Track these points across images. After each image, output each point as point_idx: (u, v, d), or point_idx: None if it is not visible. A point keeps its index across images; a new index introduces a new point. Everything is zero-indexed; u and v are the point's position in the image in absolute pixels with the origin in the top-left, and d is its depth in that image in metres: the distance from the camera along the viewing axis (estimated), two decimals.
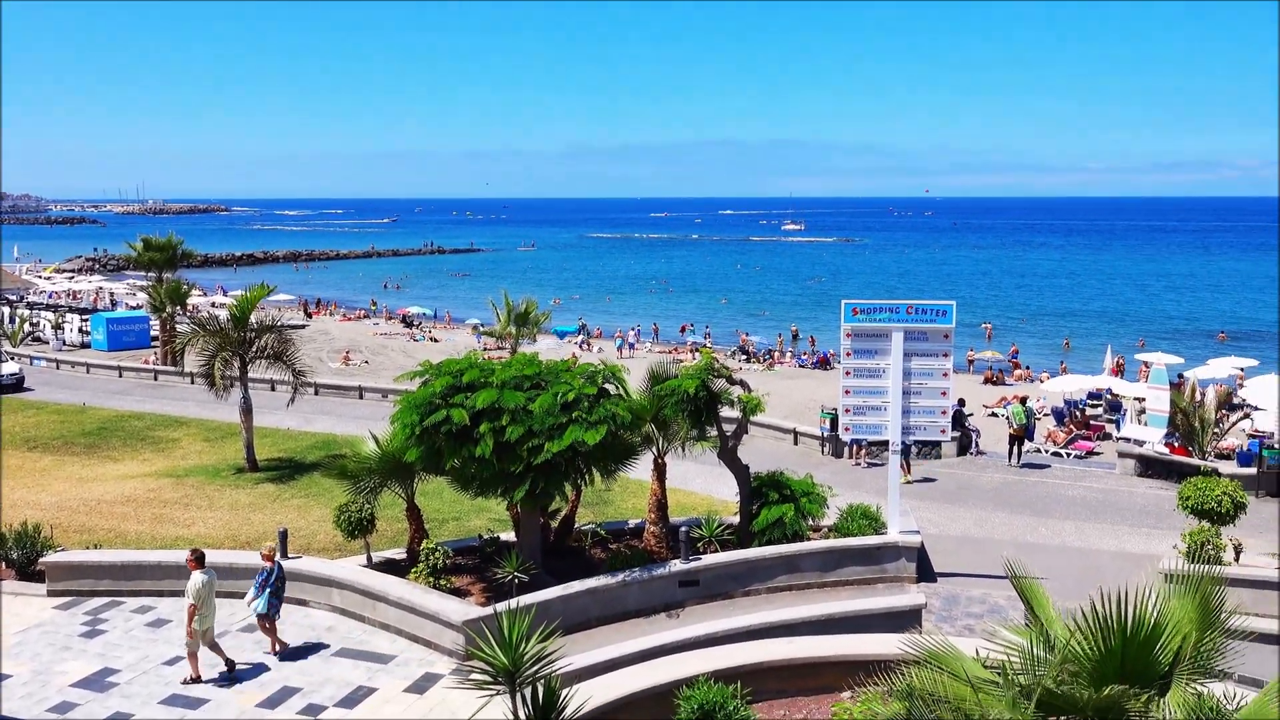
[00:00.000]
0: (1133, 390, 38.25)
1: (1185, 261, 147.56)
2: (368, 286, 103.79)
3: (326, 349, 55.23)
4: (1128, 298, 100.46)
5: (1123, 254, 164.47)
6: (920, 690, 7.67)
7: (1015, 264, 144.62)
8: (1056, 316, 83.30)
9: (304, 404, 31.37)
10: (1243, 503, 17.18)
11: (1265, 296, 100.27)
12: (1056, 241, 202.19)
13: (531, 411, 14.84)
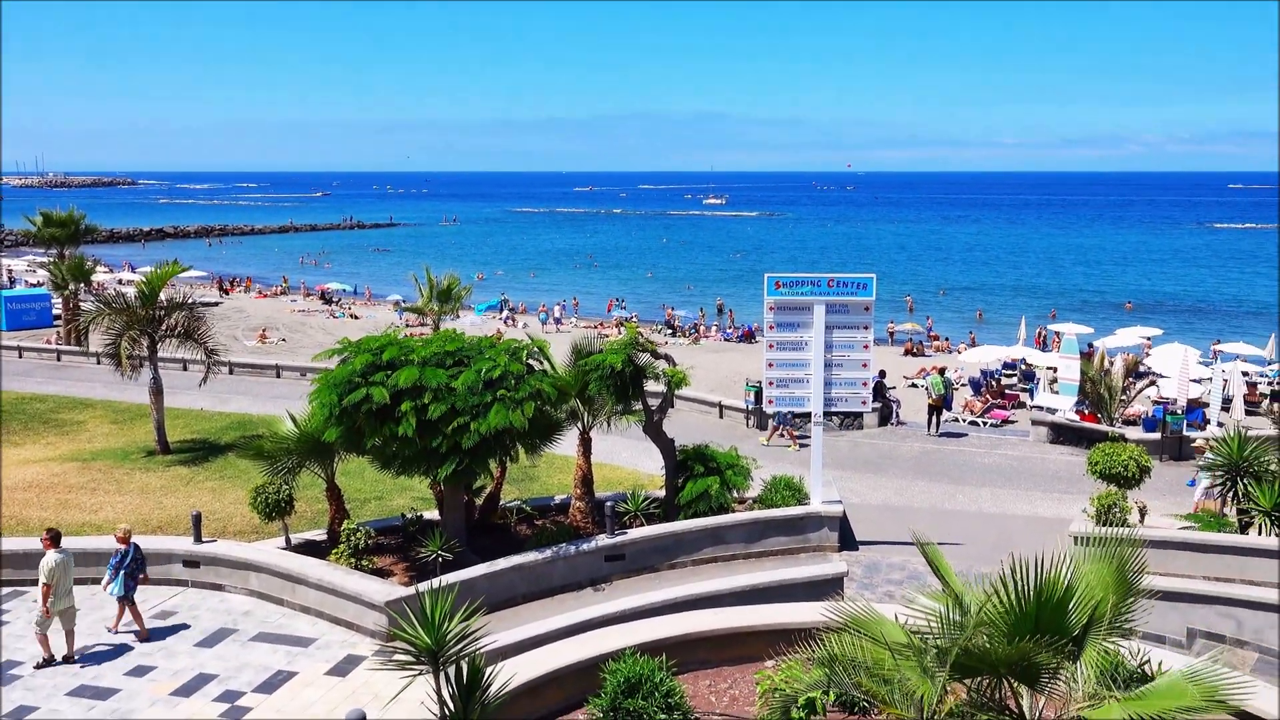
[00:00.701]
0: (1045, 360, 39.31)
1: (1093, 235, 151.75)
2: (284, 263, 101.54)
3: (242, 327, 53.99)
4: (1039, 270, 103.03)
5: (1034, 227, 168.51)
6: (841, 656, 7.78)
7: (933, 238, 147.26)
8: (972, 290, 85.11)
9: (218, 384, 30.61)
10: (1147, 466, 17.75)
11: (1168, 268, 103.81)
12: (972, 215, 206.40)
13: (454, 389, 14.64)
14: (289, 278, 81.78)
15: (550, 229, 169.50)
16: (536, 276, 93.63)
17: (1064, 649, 7.65)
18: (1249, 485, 17.03)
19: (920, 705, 7.48)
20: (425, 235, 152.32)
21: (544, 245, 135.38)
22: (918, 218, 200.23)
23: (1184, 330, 55.70)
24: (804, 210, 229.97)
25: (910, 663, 7.74)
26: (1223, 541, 16.17)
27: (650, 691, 9.76)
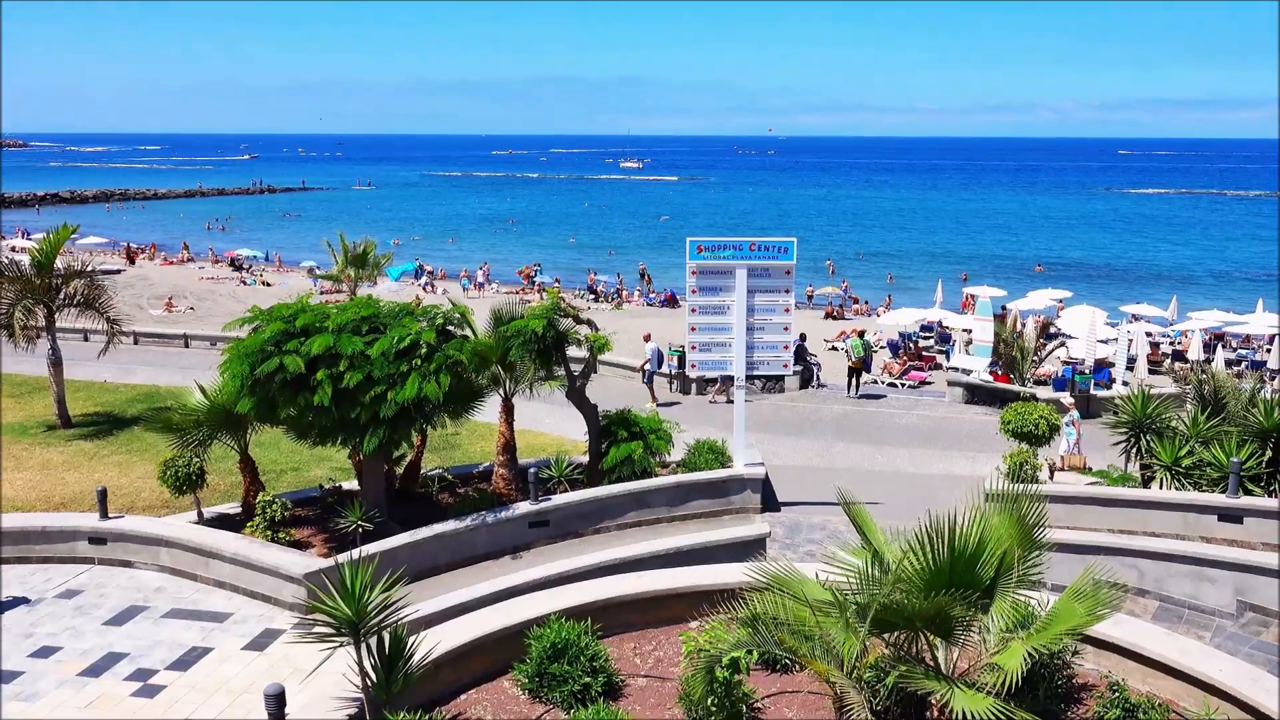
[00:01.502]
0: (961, 322, 40.21)
1: (1006, 200, 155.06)
2: (189, 228, 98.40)
3: (147, 295, 52.33)
4: (953, 234, 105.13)
5: (949, 192, 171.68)
6: (764, 615, 7.89)
7: (851, 202, 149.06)
8: (888, 254, 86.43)
9: (123, 354, 29.63)
10: (1057, 425, 18.28)
11: (1075, 232, 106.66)
12: (891, 180, 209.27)
13: (370, 357, 14.37)
14: (190, 244, 79.16)
15: (469, 193, 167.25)
16: (456, 242, 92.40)
17: (976, 602, 7.87)
18: (1151, 441, 17.67)
19: (841, 660, 7.63)
20: (338, 199, 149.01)
21: (462, 210, 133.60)
22: (837, 182, 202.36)
23: (1092, 292, 57.36)
24: (726, 174, 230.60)
25: (831, 619, 7.88)
26: (1127, 495, 16.76)
27: (576, 656, 9.78)
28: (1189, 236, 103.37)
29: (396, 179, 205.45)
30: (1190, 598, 14.46)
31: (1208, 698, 9.02)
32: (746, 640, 7.91)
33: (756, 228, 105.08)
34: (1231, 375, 25.34)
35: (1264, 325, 42.25)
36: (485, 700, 9.92)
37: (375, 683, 8.90)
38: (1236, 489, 15.70)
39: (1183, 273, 76.08)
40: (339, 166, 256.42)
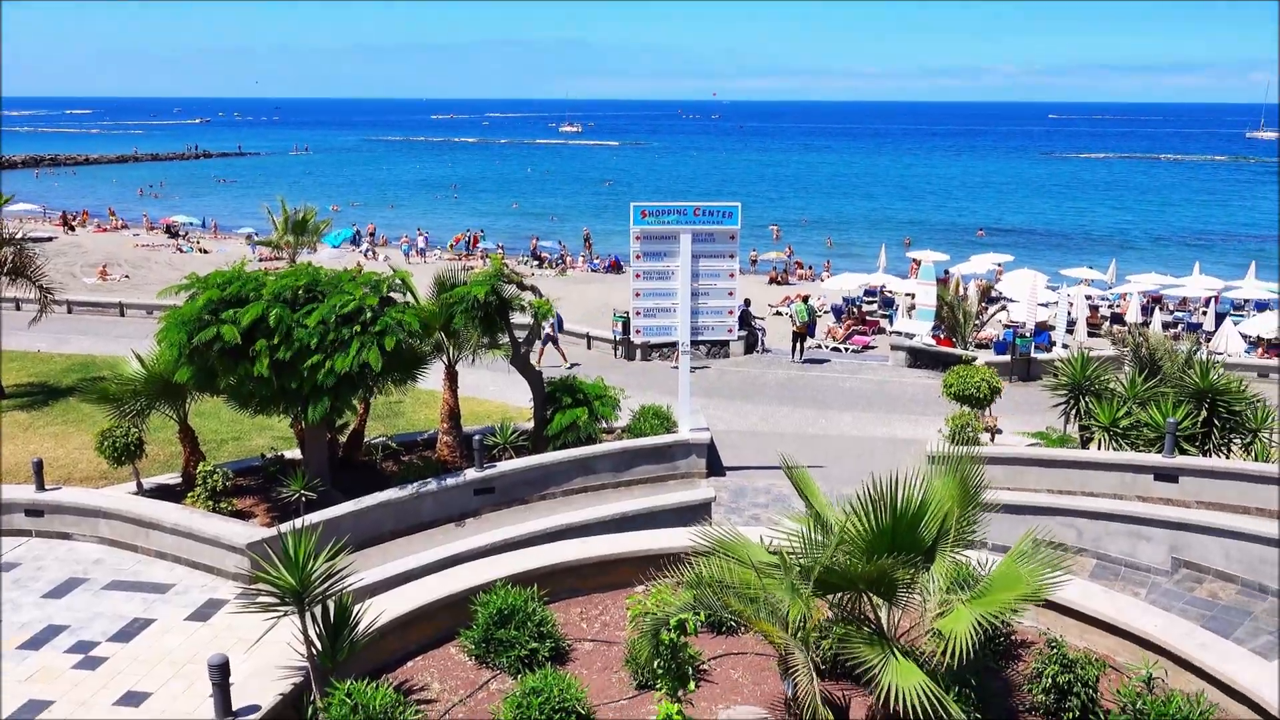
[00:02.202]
0: (904, 286, 40.59)
1: (948, 165, 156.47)
2: (121, 194, 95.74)
3: (80, 263, 50.97)
4: (895, 199, 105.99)
5: (893, 157, 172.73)
6: (709, 578, 7.93)
7: (794, 167, 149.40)
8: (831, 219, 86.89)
9: (57, 323, 28.92)
10: (998, 388, 18.57)
11: (1016, 197, 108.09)
12: (835, 145, 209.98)
13: (308, 325, 14.11)
14: (119, 210, 76.93)
15: (408, 158, 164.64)
16: (396, 208, 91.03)
17: (918, 563, 7.98)
18: (1090, 403, 18.03)
19: (786, 622, 7.70)
20: (275, 165, 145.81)
21: (402, 175, 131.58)
22: (782, 147, 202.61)
23: (1032, 257, 58.22)
24: (669, 139, 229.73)
25: (776, 582, 7.95)
26: (1065, 456, 17.11)
27: (522, 622, 9.79)
28: (1127, 201, 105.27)
29: (335, 144, 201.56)
30: (1127, 556, 14.83)
31: (1143, 652, 9.27)
32: (692, 603, 7.96)
33: (700, 193, 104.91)
34: (1168, 337, 25.94)
35: (1200, 288, 43.26)
36: (432, 666, 9.90)
37: (321, 651, 8.84)
38: (1172, 449, 16.08)
39: (1121, 237, 77.50)
40: (276, 131, 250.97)
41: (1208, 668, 8.88)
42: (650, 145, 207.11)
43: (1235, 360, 29.16)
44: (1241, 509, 15.29)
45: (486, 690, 9.48)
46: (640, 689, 9.37)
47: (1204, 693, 8.59)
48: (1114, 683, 9.05)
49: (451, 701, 9.30)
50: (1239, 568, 13.78)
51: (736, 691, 9.45)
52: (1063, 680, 8.70)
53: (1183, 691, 8.50)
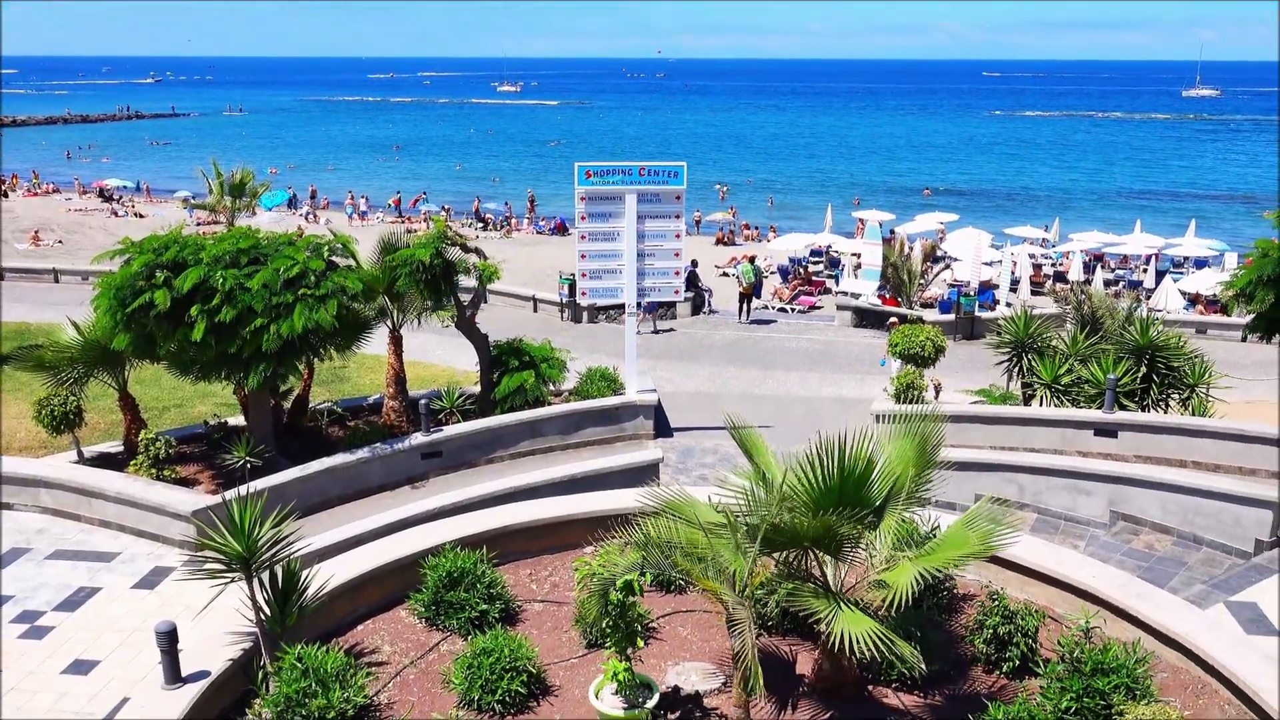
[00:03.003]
0: (850, 246, 40.84)
1: (896, 124, 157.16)
2: (49, 157, 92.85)
3: (11, 229, 49.47)
4: (841, 158, 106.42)
5: (840, 116, 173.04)
6: (656, 539, 7.97)
7: (741, 127, 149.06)
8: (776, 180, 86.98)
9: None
10: (942, 346, 18.81)
11: (961, 156, 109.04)
12: (780, 104, 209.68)
13: (250, 289, 13.84)
14: (43, 174, 74.57)
15: (347, 118, 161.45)
16: (335, 170, 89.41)
17: (864, 520, 8.09)
18: (1032, 360, 18.34)
19: (733, 579, 7.78)
20: (210, 126, 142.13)
21: (340, 136, 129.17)
22: (727, 106, 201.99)
23: (976, 216, 58.80)
24: (614, 99, 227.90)
25: (723, 540, 8.01)
26: (1008, 413, 17.41)
27: (472, 584, 9.79)
28: (1070, 159, 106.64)
29: (270, 104, 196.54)
30: (1067, 510, 15.16)
31: (1082, 603, 9.50)
32: (639, 563, 8.00)
33: (645, 153, 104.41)
34: (1109, 295, 26.43)
35: (1141, 246, 44.05)
36: (382, 629, 9.87)
37: (269, 616, 8.77)
38: (1112, 404, 16.43)
39: (1064, 195, 78.55)
40: (210, 91, 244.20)
41: (1143, 617, 9.14)
42: (595, 105, 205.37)
43: (1174, 317, 29.81)
44: (1179, 462, 15.70)
45: (437, 652, 9.48)
46: (590, 648, 9.44)
47: (1140, 640, 8.84)
48: (1053, 633, 9.28)
49: (403, 663, 9.29)
50: (1175, 520, 14.16)
51: (685, 648, 9.55)
52: (1004, 631, 8.91)
53: (1119, 640, 8.73)
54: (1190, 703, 8.44)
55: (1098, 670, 8.10)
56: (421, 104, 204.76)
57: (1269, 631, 10.88)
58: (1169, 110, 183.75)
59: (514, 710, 8.51)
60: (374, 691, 8.75)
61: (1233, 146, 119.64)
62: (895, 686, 8.80)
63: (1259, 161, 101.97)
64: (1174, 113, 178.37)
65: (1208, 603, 11.57)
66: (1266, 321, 18.24)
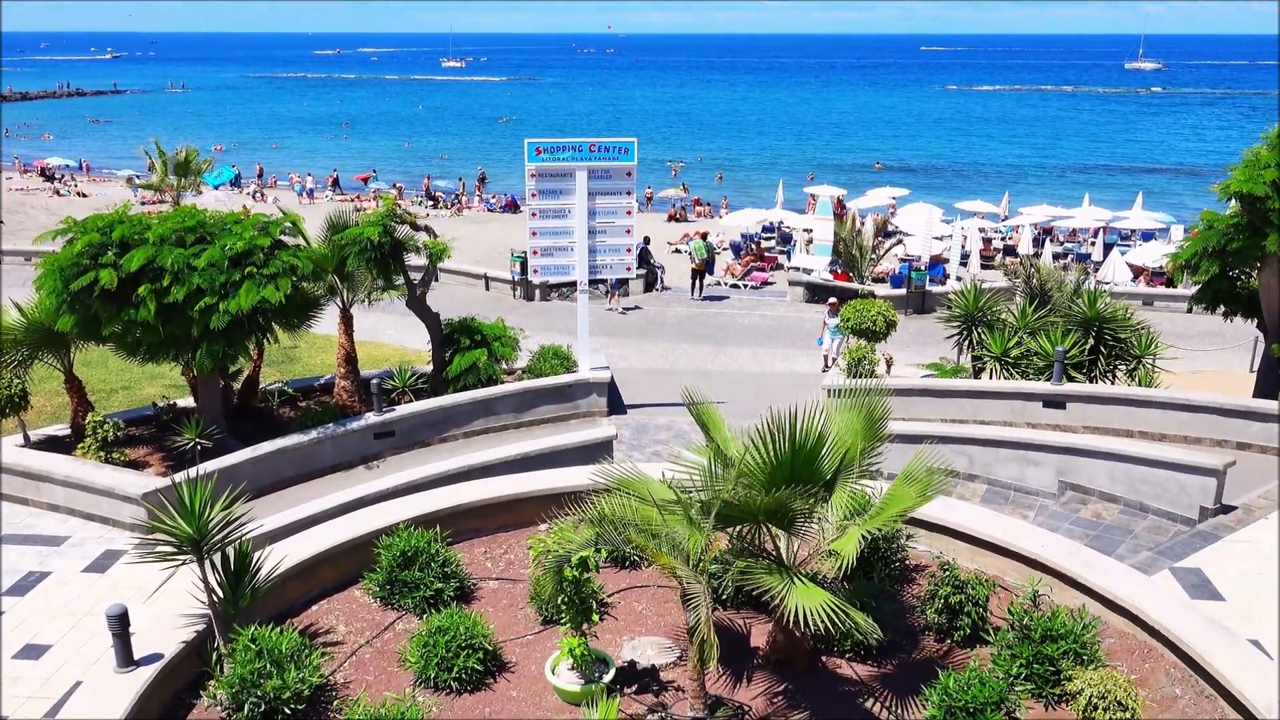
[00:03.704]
0: (801, 222, 40.96)
1: (846, 98, 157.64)
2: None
3: None
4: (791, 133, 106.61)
5: (792, 91, 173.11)
6: (610, 515, 7.98)
7: (692, 103, 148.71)
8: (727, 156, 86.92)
9: None
10: (894, 321, 18.98)
11: (912, 130, 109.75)
12: (732, 79, 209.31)
13: (197, 268, 13.60)
14: None
15: (293, 95, 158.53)
16: (281, 148, 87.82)
17: (816, 494, 8.16)
18: (982, 333, 18.57)
19: (687, 555, 7.81)
20: (152, 103, 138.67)
21: (287, 113, 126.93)
22: (678, 81, 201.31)
23: (927, 191, 59.25)
24: (564, 74, 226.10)
25: (676, 516, 8.04)
26: (959, 386, 17.63)
27: (426, 562, 9.76)
28: (1018, 134, 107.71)
29: (213, 81, 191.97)
30: (1016, 480, 15.41)
31: (1031, 571, 9.67)
32: (594, 539, 8.01)
33: (596, 129, 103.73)
34: (1058, 268, 26.79)
35: (1089, 219, 44.66)
36: (337, 610, 9.81)
37: (222, 598, 8.69)
38: (1060, 376, 16.69)
39: (1013, 170, 79.38)
40: (152, 67, 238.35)
41: (1090, 584, 9.32)
42: (544, 81, 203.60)
43: (1121, 289, 30.37)
44: (1126, 432, 16.01)
45: (393, 631, 9.45)
46: (546, 624, 9.46)
47: (1085, 607, 9.03)
48: (1004, 601, 9.44)
49: (358, 643, 9.25)
50: (1121, 489, 14.44)
51: (640, 623, 9.60)
52: (955, 600, 9.05)
53: (1068, 607, 8.92)
54: (1137, 666, 8.63)
55: (1047, 637, 8.28)
56: (369, 80, 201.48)
57: (1213, 596, 11.16)
58: (1114, 84, 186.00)
59: (470, 687, 8.51)
60: (329, 671, 8.70)
61: (1178, 120, 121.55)
62: (849, 657, 8.92)
63: (1203, 135, 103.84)
64: (1119, 86, 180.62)
65: (1153, 569, 11.82)
66: (1211, 293, 18.65)
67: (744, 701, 8.36)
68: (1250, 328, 19.41)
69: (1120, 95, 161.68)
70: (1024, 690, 8.20)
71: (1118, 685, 7.56)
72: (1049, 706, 8.18)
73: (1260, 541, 12.40)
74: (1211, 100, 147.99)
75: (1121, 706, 7.43)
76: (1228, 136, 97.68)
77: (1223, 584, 11.42)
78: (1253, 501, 13.60)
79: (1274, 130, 16.84)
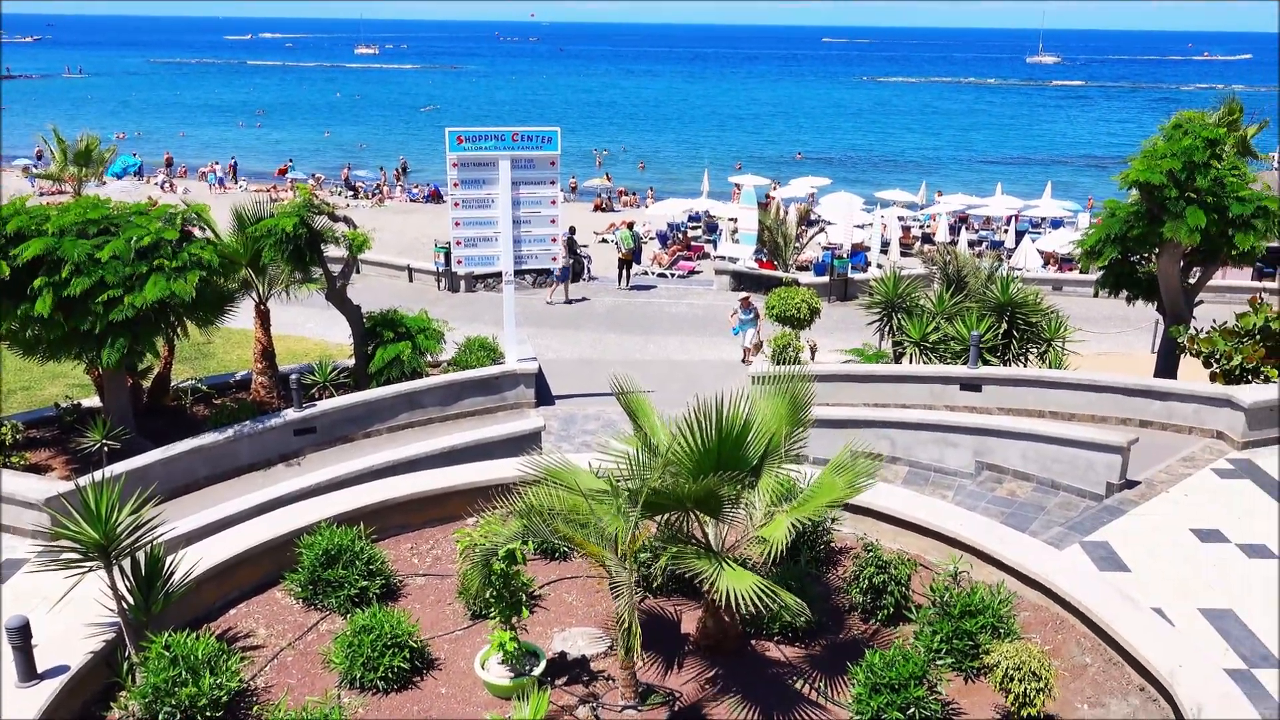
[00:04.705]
0: (727, 211, 41.25)
1: (766, 89, 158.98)
2: None
3: None
4: (714, 123, 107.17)
5: (714, 83, 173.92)
6: (538, 507, 7.90)
7: (613, 93, 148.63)
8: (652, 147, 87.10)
9: None
10: (818, 308, 19.20)
11: (830, 122, 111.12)
12: (657, 70, 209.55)
13: (101, 260, 13.14)
14: None
15: (205, 82, 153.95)
16: (188, 136, 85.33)
17: (743, 480, 8.18)
18: (902, 319, 18.87)
19: (615, 543, 7.78)
20: (49, 89, 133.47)
21: (197, 100, 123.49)
22: (603, 70, 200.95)
23: (847, 180, 60.05)
24: (488, 63, 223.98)
25: (604, 506, 8.00)
26: (880, 371, 17.88)
27: (350, 561, 9.55)
28: (934, 125, 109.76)
29: (115, 66, 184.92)
30: (936, 462, 15.69)
31: (951, 549, 9.85)
32: (521, 531, 7.93)
33: (518, 119, 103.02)
34: (974, 255, 27.37)
35: (1003, 208, 45.78)
36: (257, 612, 9.56)
37: (133, 605, 8.38)
38: (976, 360, 17.03)
39: (930, 160, 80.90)
40: (49, 51, 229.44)
41: (1006, 560, 9.53)
42: (466, 69, 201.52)
43: (1033, 275, 31.12)
44: (1038, 413, 16.41)
45: (316, 632, 9.24)
46: (475, 619, 9.34)
47: (1003, 582, 9.23)
48: (925, 579, 9.59)
49: (279, 646, 9.02)
50: (1034, 467, 14.80)
51: (570, 614, 9.54)
52: (878, 580, 9.17)
53: (986, 583, 9.09)
54: (1050, 637, 8.85)
55: (966, 612, 8.45)
56: (282, 68, 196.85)
57: (1119, 568, 11.50)
58: (1022, 77, 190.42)
59: (397, 686, 8.36)
60: (249, 676, 8.47)
61: (1082, 112, 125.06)
62: (777, 640, 8.98)
63: (1107, 127, 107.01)
64: (1027, 79, 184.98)
65: (1065, 544, 12.13)
66: (1114, 277, 19.23)
67: (675, 688, 8.36)
68: (1151, 310, 20.04)
69: (1026, 88, 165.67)
70: (945, 664, 8.35)
71: (1032, 656, 7.74)
72: (968, 679, 8.34)
73: (1162, 514, 12.83)
74: (1113, 94, 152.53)
75: (1036, 677, 7.61)
76: (1126, 129, 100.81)
77: (1128, 556, 11.78)
78: (1154, 476, 14.06)
79: (1169, 122, 17.41)
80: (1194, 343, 16.58)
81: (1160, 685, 7.80)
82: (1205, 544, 11.91)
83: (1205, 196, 16.58)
